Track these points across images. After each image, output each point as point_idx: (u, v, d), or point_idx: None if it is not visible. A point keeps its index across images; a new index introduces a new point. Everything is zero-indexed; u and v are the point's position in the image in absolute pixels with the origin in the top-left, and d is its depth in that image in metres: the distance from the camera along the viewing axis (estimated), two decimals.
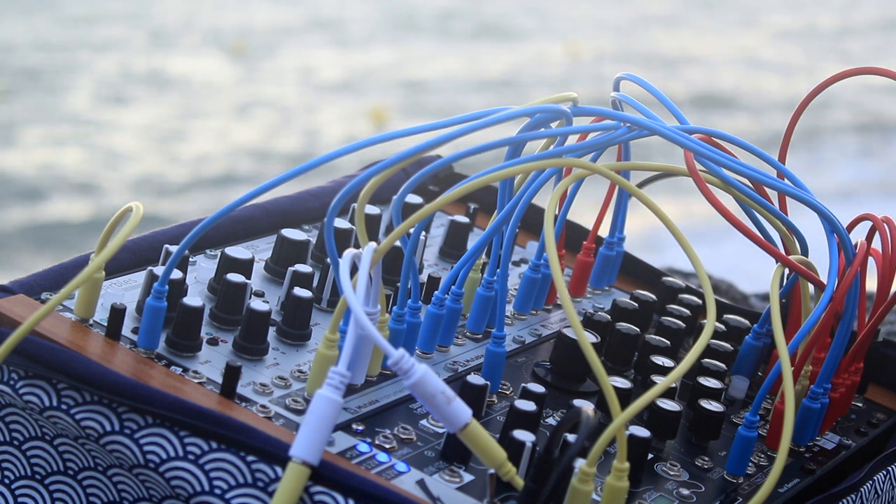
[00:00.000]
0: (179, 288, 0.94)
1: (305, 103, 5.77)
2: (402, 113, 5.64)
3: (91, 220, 4.35)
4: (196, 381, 0.89)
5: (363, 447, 0.86)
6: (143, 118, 5.39)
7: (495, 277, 1.01)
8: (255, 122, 5.49)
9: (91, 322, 0.92)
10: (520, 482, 0.80)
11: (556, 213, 1.06)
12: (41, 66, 5.92)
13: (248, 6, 7.30)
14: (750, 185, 0.98)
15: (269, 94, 5.86)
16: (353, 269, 0.85)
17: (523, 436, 0.85)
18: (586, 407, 0.80)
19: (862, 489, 0.96)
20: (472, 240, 1.18)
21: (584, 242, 1.17)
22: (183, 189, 4.70)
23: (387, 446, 0.87)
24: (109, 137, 5.16)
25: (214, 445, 0.82)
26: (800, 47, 7.35)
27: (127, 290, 0.98)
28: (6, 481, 0.89)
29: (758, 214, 1.00)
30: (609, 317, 1.08)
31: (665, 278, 1.19)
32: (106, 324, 0.91)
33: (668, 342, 1.06)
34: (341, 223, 1.08)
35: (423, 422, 0.91)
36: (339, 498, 0.80)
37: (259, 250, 1.09)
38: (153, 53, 6.29)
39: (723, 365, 1.05)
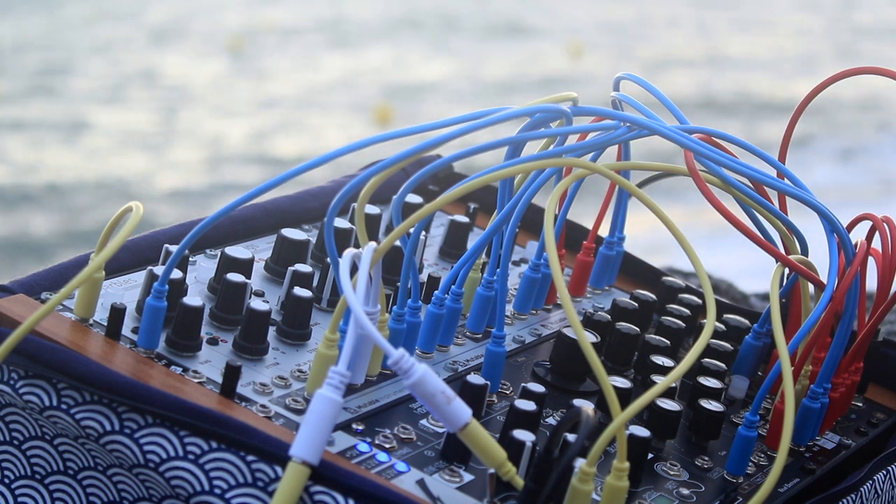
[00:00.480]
0: (179, 288, 0.94)
1: (306, 103, 5.77)
2: (404, 113, 5.64)
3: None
4: (196, 380, 0.89)
5: (363, 447, 0.86)
6: (136, 119, 5.39)
7: (495, 277, 1.01)
8: (254, 123, 5.48)
9: (91, 322, 0.92)
10: (520, 482, 0.80)
11: (556, 212, 1.06)
12: (41, 66, 5.92)
13: (247, 6, 7.30)
14: (750, 185, 0.98)
15: (268, 95, 5.85)
16: (353, 269, 0.85)
17: (523, 436, 0.85)
18: (586, 407, 0.80)
19: (862, 489, 0.96)
20: (472, 239, 1.18)
21: (584, 242, 1.17)
22: (170, 196, 4.68)
23: (387, 446, 0.87)
24: (108, 139, 5.15)
25: (214, 445, 0.82)
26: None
27: (127, 289, 0.98)
28: (6, 481, 0.89)
29: (758, 214, 1.00)
30: (609, 317, 1.08)
31: (665, 278, 1.20)
32: (106, 323, 0.91)
33: (668, 342, 1.06)
34: (341, 223, 1.08)
35: (423, 421, 0.91)
36: (339, 498, 0.80)
37: (259, 250, 1.09)
38: (150, 53, 6.29)
39: (723, 365, 1.05)
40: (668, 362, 1.03)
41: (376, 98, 5.80)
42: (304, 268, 1.00)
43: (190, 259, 1.02)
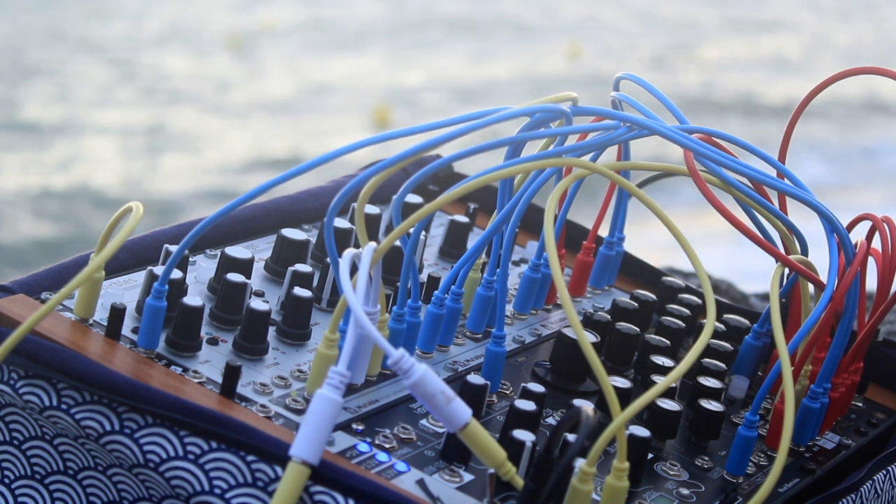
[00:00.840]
0: (179, 288, 0.94)
1: (305, 104, 5.76)
2: (403, 115, 5.63)
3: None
4: (196, 380, 0.89)
5: (363, 447, 0.86)
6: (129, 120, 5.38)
7: (495, 277, 1.01)
8: (254, 123, 5.48)
9: (91, 322, 0.92)
10: (520, 482, 0.80)
11: (556, 212, 1.06)
12: (38, 65, 5.92)
13: (246, 6, 7.29)
14: (750, 185, 0.98)
15: (266, 95, 5.85)
16: (353, 269, 0.85)
17: (523, 435, 0.85)
18: (586, 407, 0.80)
19: (862, 489, 0.96)
20: (472, 239, 1.18)
21: (584, 242, 1.17)
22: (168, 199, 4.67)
23: (387, 446, 0.87)
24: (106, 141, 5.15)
25: (214, 445, 0.82)
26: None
27: (127, 289, 0.98)
28: (6, 481, 0.89)
29: (758, 214, 1.00)
30: (609, 317, 1.08)
31: (665, 278, 1.20)
32: (106, 323, 0.91)
33: (668, 342, 1.06)
34: (341, 223, 1.08)
35: (423, 421, 0.91)
36: (339, 498, 0.80)
37: (259, 250, 1.09)
38: (149, 53, 6.29)
39: (723, 365, 1.05)
40: (668, 362, 1.03)
41: (375, 99, 5.79)
42: (304, 268, 1.00)
43: (190, 259, 1.02)
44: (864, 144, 5.89)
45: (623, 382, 0.96)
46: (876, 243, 1.04)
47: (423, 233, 1.16)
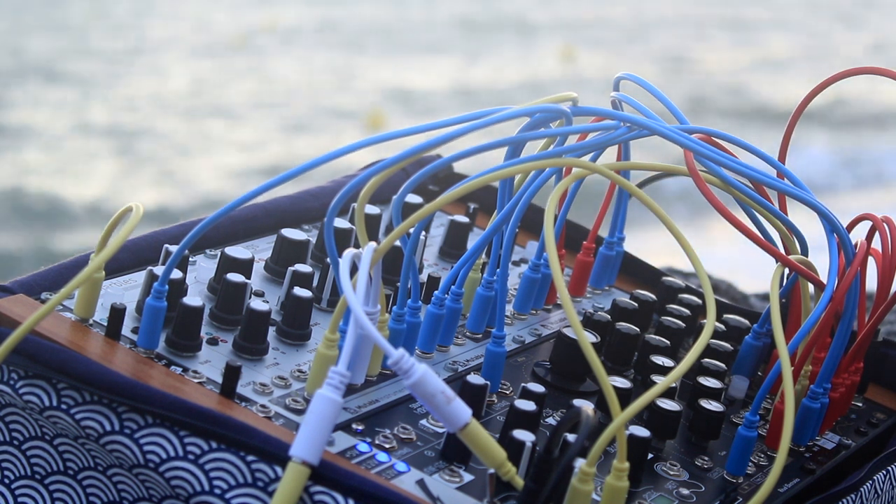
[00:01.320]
0: (179, 288, 0.94)
1: (303, 105, 5.77)
2: (399, 118, 5.63)
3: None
4: (196, 380, 0.89)
5: (363, 447, 0.86)
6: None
7: (495, 277, 1.01)
8: (255, 125, 5.48)
9: (91, 322, 0.92)
10: (520, 482, 0.80)
11: (556, 212, 1.06)
12: (43, 65, 5.92)
13: (247, 6, 7.30)
14: (750, 185, 0.98)
15: (265, 96, 5.85)
16: (353, 269, 0.85)
17: (523, 436, 0.85)
18: (586, 407, 0.80)
19: (862, 489, 0.96)
20: (472, 240, 1.18)
21: (584, 242, 1.17)
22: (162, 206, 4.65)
23: (387, 446, 0.87)
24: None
25: (214, 445, 0.82)
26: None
27: (127, 289, 0.98)
28: (6, 481, 0.89)
29: (758, 214, 1.00)
30: (609, 317, 1.08)
31: (665, 278, 1.20)
32: (106, 324, 0.91)
33: (668, 342, 1.06)
34: (341, 223, 1.08)
35: (423, 421, 0.91)
36: (339, 498, 0.80)
37: (259, 250, 1.09)
38: (148, 52, 6.29)
39: (723, 365, 1.05)
40: (668, 362, 1.03)
41: (372, 102, 5.79)
42: (304, 268, 1.00)
43: (190, 259, 1.02)
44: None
45: (623, 382, 0.96)
46: (876, 243, 1.04)
47: (423, 233, 1.16)
